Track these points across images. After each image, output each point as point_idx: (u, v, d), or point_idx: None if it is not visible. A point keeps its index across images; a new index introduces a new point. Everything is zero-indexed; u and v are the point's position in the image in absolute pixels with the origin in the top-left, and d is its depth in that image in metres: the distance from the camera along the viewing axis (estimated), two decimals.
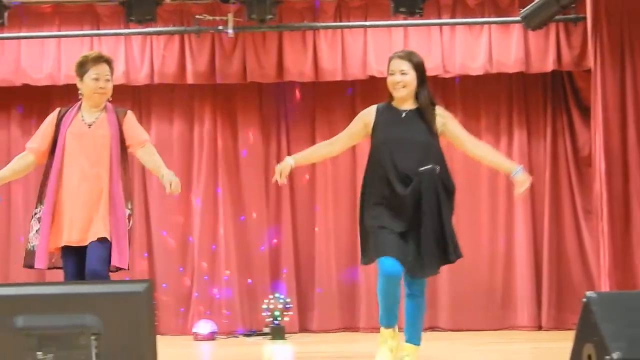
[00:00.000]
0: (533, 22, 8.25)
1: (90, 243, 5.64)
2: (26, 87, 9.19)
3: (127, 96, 9.30)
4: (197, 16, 8.85)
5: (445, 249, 5.73)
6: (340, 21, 9.07)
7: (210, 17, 8.85)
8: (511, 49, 8.91)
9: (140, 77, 9.03)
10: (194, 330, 8.90)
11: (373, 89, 9.27)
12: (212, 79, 9.10)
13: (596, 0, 8.39)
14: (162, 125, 9.44)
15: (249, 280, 9.29)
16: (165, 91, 9.35)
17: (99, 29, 9.10)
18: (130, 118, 5.91)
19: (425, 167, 5.61)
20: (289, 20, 8.96)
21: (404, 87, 5.75)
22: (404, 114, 5.76)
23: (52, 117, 5.94)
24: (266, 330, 8.92)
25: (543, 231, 9.11)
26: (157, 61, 9.04)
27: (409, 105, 5.80)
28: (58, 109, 5.97)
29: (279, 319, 8.79)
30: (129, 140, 5.85)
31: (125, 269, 5.81)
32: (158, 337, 3.91)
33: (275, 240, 9.36)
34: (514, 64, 8.91)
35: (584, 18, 8.62)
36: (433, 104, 5.84)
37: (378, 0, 8.96)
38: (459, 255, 5.87)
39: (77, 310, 3.81)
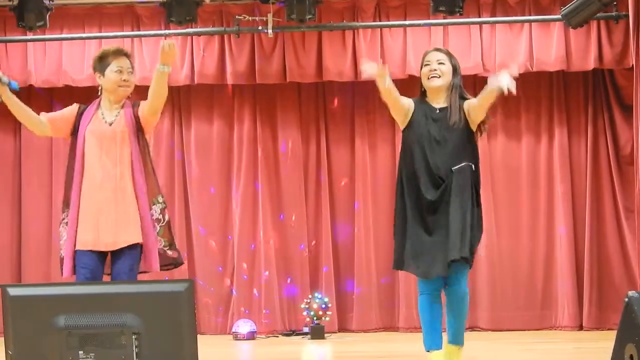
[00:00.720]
0: (574, 20, 8.19)
1: (120, 250, 5.41)
2: (68, 88, 9.26)
3: (167, 97, 9.34)
4: (237, 16, 8.87)
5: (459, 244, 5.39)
6: (380, 21, 9.06)
7: (250, 18, 8.87)
8: (552, 48, 8.85)
9: (181, 78, 9.07)
10: (233, 329, 8.92)
11: (413, 88, 9.24)
12: (251, 79, 9.12)
13: None
14: (202, 125, 9.47)
15: (289, 280, 9.30)
16: (205, 92, 9.39)
17: (139, 30, 9.15)
18: (143, 103, 5.65)
19: (459, 166, 5.46)
20: (328, 20, 8.96)
21: (439, 76, 5.59)
22: (438, 110, 5.61)
23: (72, 107, 5.71)
24: (305, 329, 8.94)
25: (584, 230, 9.04)
26: (197, 62, 9.08)
27: (442, 102, 5.64)
28: (77, 105, 5.72)
29: (318, 318, 8.79)
30: (141, 119, 5.60)
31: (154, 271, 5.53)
32: (198, 336, 3.93)
33: (314, 240, 9.36)
34: (554, 63, 8.86)
35: (626, 15, 8.54)
36: (463, 99, 5.63)
37: None
38: (464, 254, 5.41)
39: (118, 309, 3.84)
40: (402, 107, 5.65)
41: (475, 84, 9.19)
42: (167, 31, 8.95)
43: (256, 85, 9.30)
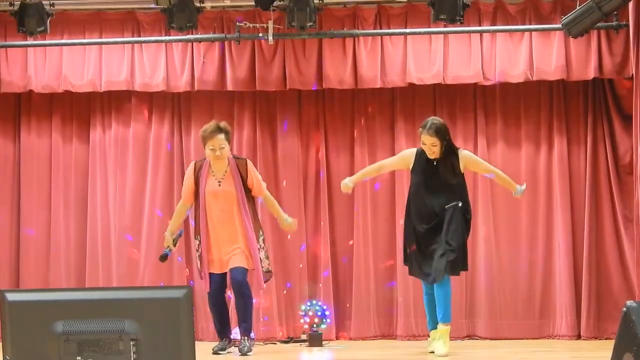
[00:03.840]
0: (575, 30, 8.19)
1: (231, 269, 7.72)
2: (68, 93, 9.27)
3: (167, 103, 9.38)
4: (238, 23, 8.89)
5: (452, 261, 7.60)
6: (380, 28, 9.07)
7: (251, 24, 8.88)
8: (552, 57, 8.86)
9: (181, 84, 9.08)
10: (232, 336, 8.90)
11: (413, 96, 9.28)
12: (252, 85, 9.13)
13: (639, 7, 8.33)
14: None
15: (287, 286, 9.29)
16: (205, 98, 9.39)
17: (140, 36, 9.16)
18: (251, 169, 7.84)
19: (450, 205, 7.55)
20: (328, 27, 8.97)
21: (433, 153, 7.64)
22: (435, 162, 7.66)
23: (190, 172, 7.91)
24: (303, 337, 8.93)
25: (583, 239, 9.02)
26: (197, 68, 9.09)
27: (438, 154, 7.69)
28: (193, 163, 7.98)
29: (316, 326, 8.78)
30: (253, 190, 7.87)
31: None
32: (196, 343, 3.92)
33: (313, 248, 9.35)
34: (554, 72, 8.87)
35: (626, 25, 8.56)
36: (455, 150, 7.69)
37: (418, 7, 8.96)
38: (453, 270, 7.72)
39: (117, 315, 3.83)
40: (397, 167, 8.32)
41: (475, 92, 9.23)
42: (167, 37, 8.96)
43: (256, 92, 9.31)
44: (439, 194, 7.62)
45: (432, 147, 7.57)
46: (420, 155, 7.72)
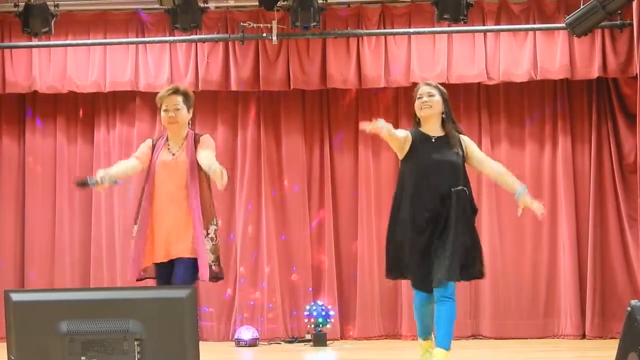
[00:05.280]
0: (578, 29, 8.18)
1: (176, 259, 6.15)
2: (72, 94, 9.28)
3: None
4: (242, 23, 8.89)
5: (468, 264, 6.07)
6: (384, 28, 9.07)
7: (255, 25, 8.89)
8: (556, 56, 8.86)
9: (185, 84, 9.08)
10: (235, 336, 8.93)
11: None
12: (256, 85, 9.14)
13: None
14: (206, 131, 9.36)
15: (291, 285, 9.30)
16: (209, 98, 9.40)
17: (144, 37, 9.17)
18: (204, 141, 6.32)
19: (457, 188, 6.03)
20: (332, 27, 8.97)
21: (430, 107, 6.13)
22: (434, 139, 6.14)
23: (148, 143, 6.45)
24: (308, 337, 8.94)
25: (587, 239, 9.03)
26: (201, 68, 9.10)
27: (436, 132, 6.18)
28: (150, 140, 6.48)
29: (320, 326, 8.79)
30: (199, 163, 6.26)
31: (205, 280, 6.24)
32: (200, 342, 3.93)
33: (317, 247, 9.36)
34: (558, 71, 8.87)
35: (630, 24, 8.55)
36: (459, 132, 6.26)
37: (422, 7, 8.96)
38: (471, 275, 6.19)
39: (121, 315, 3.84)
40: (403, 140, 6.16)
41: (479, 91, 9.22)
42: (171, 38, 8.97)
43: (260, 92, 9.32)
44: (442, 174, 6.06)
45: (428, 98, 6.14)
46: (416, 133, 6.20)
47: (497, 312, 9.10)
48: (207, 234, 6.27)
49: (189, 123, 6.39)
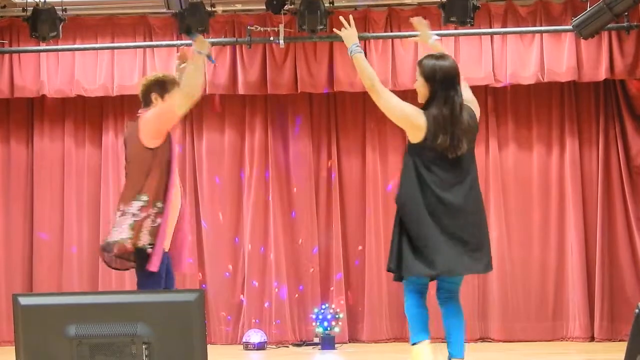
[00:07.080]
0: (585, 31, 8.18)
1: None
2: (80, 98, 9.31)
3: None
4: (249, 27, 8.91)
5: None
6: (391, 31, 9.07)
7: (262, 28, 8.90)
8: (563, 58, 8.85)
9: None
10: (244, 339, 8.93)
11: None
12: (263, 89, 9.15)
13: None
14: (214, 135, 9.50)
15: (300, 289, 9.31)
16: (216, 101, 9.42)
17: (151, 41, 9.19)
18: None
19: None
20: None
21: (418, 94, 5.63)
22: None
23: None
24: (316, 340, 8.94)
25: (595, 240, 9.01)
26: (208, 72, 9.10)
27: None
28: None
29: (328, 329, 8.79)
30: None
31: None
32: (208, 346, 3.93)
33: (325, 250, 9.36)
34: (566, 73, 8.86)
35: (637, 26, 8.55)
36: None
37: (429, 9, 8.95)
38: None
39: (129, 319, 3.84)
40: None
41: (486, 93, 9.22)
42: (179, 42, 8.99)
43: (267, 96, 9.33)
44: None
45: (415, 84, 5.75)
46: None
47: (506, 315, 9.09)
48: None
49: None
